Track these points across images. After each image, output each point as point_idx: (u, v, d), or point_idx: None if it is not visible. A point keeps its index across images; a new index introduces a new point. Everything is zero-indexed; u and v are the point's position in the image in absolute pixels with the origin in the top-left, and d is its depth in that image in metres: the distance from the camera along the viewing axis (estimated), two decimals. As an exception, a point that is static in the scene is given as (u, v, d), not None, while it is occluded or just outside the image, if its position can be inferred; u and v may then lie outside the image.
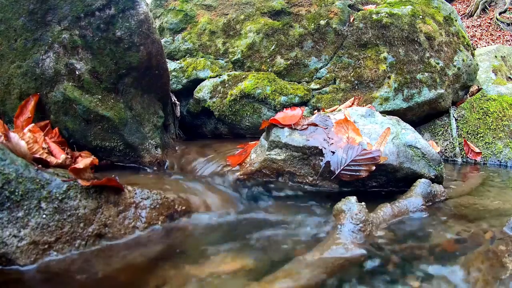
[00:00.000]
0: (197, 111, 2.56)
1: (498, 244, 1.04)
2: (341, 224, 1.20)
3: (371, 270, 1.01)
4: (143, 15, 1.68)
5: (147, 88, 1.84)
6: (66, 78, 1.64)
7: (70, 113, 1.66)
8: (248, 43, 2.56)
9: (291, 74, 2.51)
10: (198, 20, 2.73)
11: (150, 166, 1.82)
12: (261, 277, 0.97)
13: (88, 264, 1.06)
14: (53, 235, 1.09)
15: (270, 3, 2.66)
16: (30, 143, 1.33)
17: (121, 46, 1.66)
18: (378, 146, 1.56)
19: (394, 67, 2.42)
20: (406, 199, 1.42)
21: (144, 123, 1.83)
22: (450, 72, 2.55)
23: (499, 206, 1.49)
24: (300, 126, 1.64)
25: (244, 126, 2.45)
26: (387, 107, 2.37)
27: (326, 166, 1.55)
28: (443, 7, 2.75)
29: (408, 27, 2.46)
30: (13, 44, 1.67)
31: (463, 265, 0.99)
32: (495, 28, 10.47)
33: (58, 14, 1.63)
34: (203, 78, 2.55)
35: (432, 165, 1.60)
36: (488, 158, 2.51)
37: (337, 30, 2.51)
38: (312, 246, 1.13)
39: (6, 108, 1.73)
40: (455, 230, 1.24)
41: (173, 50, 2.72)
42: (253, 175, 1.64)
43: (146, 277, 1.00)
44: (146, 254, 1.13)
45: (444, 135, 2.63)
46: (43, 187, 1.12)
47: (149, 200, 1.30)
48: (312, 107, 2.40)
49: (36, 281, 1.00)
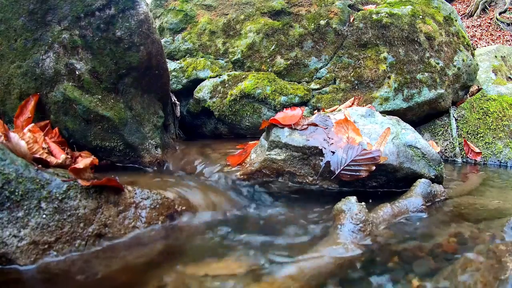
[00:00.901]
0: (197, 111, 2.56)
1: (498, 244, 1.04)
2: (341, 224, 1.20)
3: (371, 270, 1.01)
4: (143, 15, 1.68)
5: (147, 88, 1.84)
6: (66, 78, 1.64)
7: (70, 113, 1.66)
8: (248, 43, 2.56)
9: (291, 74, 2.51)
10: (198, 20, 2.73)
11: (150, 166, 1.82)
12: (261, 277, 0.97)
13: (88, 264, 1.06)
14: (53, 235, 1.09)
15: (270, 3, 2.66)
16: (30, 143, 1.33)
17: (121, 46, 1.66)
18: (378, 146, 1.56)
19: (394, 67, 2.42)
20: (406, 199, 1.42)
21: (144, 123, 1.83)
22: (450, 72, 2.55)
23: (499, 206, 1.49)
24: (300, 126, 1.64)
25: (244, 126, 2.45)
26: (387, 107, 2.37)
27: (326, 166, 1.55)
28: (443, 7, 2.75)
29: (408, 27, 2.46)
30: (13, 44, 1.67)
31: (463, 265, 0.99)
32: (495, 28, 10.46)
33: (58, 14, 1.63)
34: (203, 78, 2.55)
35: (432, 165, 1.60)
36: (488, 158, 2.51)
37: (337, 30, 2.51)
38: (312, 246, 1.13)
39: (6, 108, 1.73)
40: (455, 230, 1.24)
41: (173, 50, 2.72)
42: (253, 175, 1.64)
43: (146, 277, 1.00)
44: (146, 254, 1.13)
45: (444, 135, 2.63)
46: (43, 187, 1.12)
47: (149, 200, 1.30)
48: (312, 107, 2.40)
49: (36, 281, 1.00)
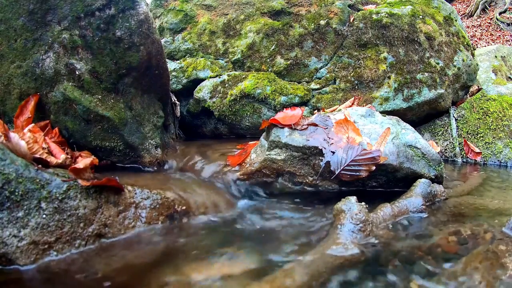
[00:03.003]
0: (197, 111, 2.56)
1: (498, 244, 1.04)
2: (341, 224, 1.20)
3: (371, 270, 1.01)
4: (143, 15, 1.68)
5: (147, 88, 1.84)
6: (66, 78, 1.64)
7: (70, 113, 1.66)
8: (248, 43, 2.56)
9: (291, 74, 2.51)
10: (198, 20, 2.73)
11: (150, 166, 1.82)
12: (261, 277, 0.97)
13: (88, 264, 1.06)
14: (53, 235, 1.09)
15: (270, 3, 2.66)
16: (30, 143, 1.33)
17: (121, 46, 1.66)
18: (378, 146, 1.56)
19: (394, 67, 2.42)
20: (406, 199, 1.42)
21: (144, 123, 1.83)
22: (450, 72, 2.54)
23: (499, 206, 1.49)
24: (300, 126, 1.64)
25: (244, 126, 2.45)
26: (387, 107, 2.37)
27: (326, 166, 1.55)
28: (443, 7, 2.75)
29: (408, 27, 2.46)
30: (13, 44, 1.67)
31: (463, 265, 0.99)
32: (495, 28, 10.46)
33: (58, 14, 1.63)
34: (203, 78, 2.55)
35: (432, 165, 1.60)
36: (488, 158, 2.51)
37: (337, 30, 2.51)
38: (312, 246, 1.13)
39: (6, 108, 1.73)
40: (455, 230, 1.24)
41: (173, 50, 2.72)
42: (253, 175, 1.64)
43: (146, 277, 1.00)
44: (146, 254, 1.13)
45: (444, 135, 2.63)
46: (43, 187, 1.12)
47: (149, 200, 1.30)
48: (312, 107, 2.40)
49: (36, 281, 1.00)
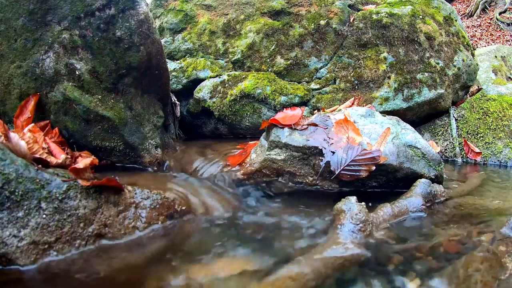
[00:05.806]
0: (197, 111, 2.56)
1: (498, 244, 1.04)
2: (341, 224, 1.20)
3: (371, 270, 1.01)
4: (143, 15, 1.68)
5: (147, 88, 1.84)
6: (66, 78, 1.64)
7: (70, 113, 1.66)
8: (248, 43, 2.56)
9: (291, 74, 2.51)
10: (198, 20, 2.73)
11: (150, 166, 1.82)
12: (261, 277, 0.97)
13: (88, 264, 1.06)
14: (53, 235, 1.09)
15: (270, 3, 2.66)
16: (30, 143, 1.33)
17: (121, 46, 1.66)
18: (378, 146, 1.56)
19: (394, 67, 2.42)
20: (406, 199, 1.42)
21: (144, 123, 1.83)
22: (450, 72, 2.54)
23: (499, 206, 1.49)
24: (300, 126, 1.64)
25: (244, 126, 2.45)
26: (387, 107, 2.37)
27: (326, 166, 1.55)
28: (443, 7, 2.75)
29: (408, 27, 2.46)
30: (13, 44, 1.67)
31: (463, 265, 0.99)
32: (495, 28, 10.47)
33: (58, 14, 1.63)
34: (203, 78, 2.55)
35: (432, 165, 1.60)
36: (488, 158, 2.51)
37: (337, 30, 2.51)
38: (312, 246, 1.13)
39: (6, 108, 1.73)
40: (455, 230, 1.24)
41: (173, 50, 2.72)
42: (253, 175, 1.64)
43: (146, 277, 1.00)
44: (146, 254, 1.13)
45: (444, 135, 2.63)
46: (43, 187, 1.12)
47: (149, 200, 1.30)
48: (312, 107, 2.40)
49: (36, 281, 1.00)
